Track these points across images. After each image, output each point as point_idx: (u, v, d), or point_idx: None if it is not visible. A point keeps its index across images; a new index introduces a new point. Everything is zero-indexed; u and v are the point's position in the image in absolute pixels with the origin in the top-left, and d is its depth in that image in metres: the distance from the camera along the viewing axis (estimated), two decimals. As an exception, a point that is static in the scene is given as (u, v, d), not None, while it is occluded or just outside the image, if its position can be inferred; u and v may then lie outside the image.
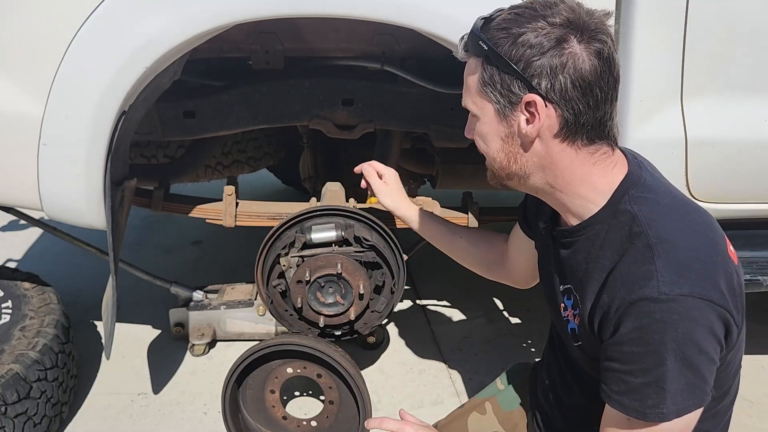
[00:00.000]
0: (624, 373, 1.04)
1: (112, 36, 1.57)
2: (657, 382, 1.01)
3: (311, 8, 1.57)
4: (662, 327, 0.99)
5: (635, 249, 1.04)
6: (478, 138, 1.16)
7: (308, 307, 1.88)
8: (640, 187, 1.10)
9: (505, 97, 1.06)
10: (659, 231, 1.04)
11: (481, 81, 1.08)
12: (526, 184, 1.16)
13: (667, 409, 1.01)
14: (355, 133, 2.27)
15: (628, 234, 1.06)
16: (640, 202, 1.08)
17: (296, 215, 1.89)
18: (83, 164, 1.67)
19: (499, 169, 1.15)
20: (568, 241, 1.19)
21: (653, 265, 1.01)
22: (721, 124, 1.72)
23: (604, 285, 1.07)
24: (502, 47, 1.03)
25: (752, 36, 1.65)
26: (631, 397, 1.03)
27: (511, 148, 1.11)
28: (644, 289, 1.00)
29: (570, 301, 1.21)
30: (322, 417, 1.92)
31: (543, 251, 1.34)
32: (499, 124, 1.10)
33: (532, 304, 2.75)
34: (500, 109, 1.08)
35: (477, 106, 1.12)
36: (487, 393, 1.61)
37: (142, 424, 2.10)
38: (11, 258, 3.19)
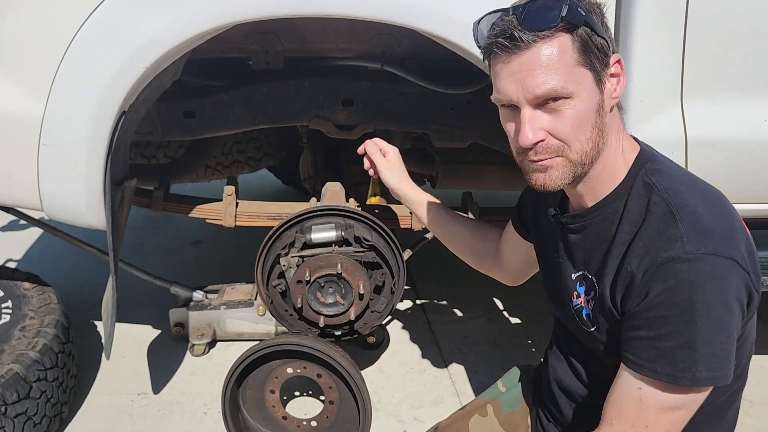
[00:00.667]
0: (653, 339, 1.03)
1: (112, 36, 1.57)
2: (687, 344, 1.01)
3: (311, 8, 1.57)
4: (690, 286, 1.00)
5: (656, 217, 1.06)
6: (568, 124, 1.05)
7: (308, 307, 1.88)
8: (655, 161, 1.14)
9: (601, 62, 1.06)
10: (678, 198, 1.07)
11: (578, 49, 1.03)
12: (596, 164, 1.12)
13: (701, 374, 1.01)
14: (355, 133, 2.27)
15: (647, 204, 1.08)
16: (657, 173, 1.11)
17: (296, 215, 1.89)
18: (83, 164, 1.66)
19: (589, 152, 1.09)
20: (580, 225, 1.19)
21: (677, 229, 1.03)
22: (721, 124, 1.72)
23: (625, 256, 1.08)
24: (591, 11, 1.04)
25: (752, 36, 1.65)
26: (663, 362, 1.03)
27: (601, 120, 1.08)
28: (670, 252, 1.01)
29: (583, 287, 1.21)
30: (322, 417, 1.92)
31: (548, 244, 1.33)
32: (598, 94, 1.07)
33: (532, 304, 2.75)
34: (596, 77, 1.06)
35: (575, 82, 1.04)
36: (489, 395, 1.61)
37: (142, 424, 2.10)
38: (11, 258, 3.19)
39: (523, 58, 1.03)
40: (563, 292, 1.28)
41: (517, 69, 1.04)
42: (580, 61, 1.04)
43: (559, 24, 1.02)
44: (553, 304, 1.38)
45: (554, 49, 1.03)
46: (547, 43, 1.03)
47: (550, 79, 1.03)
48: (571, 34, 1.03)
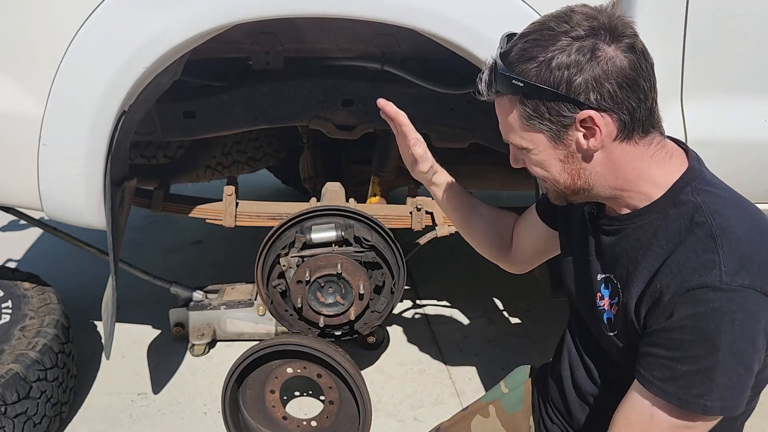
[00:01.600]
0: (670, 360, 1.02)
1: (112, 36, 1.57)
2: (705, 372, 0.99)
3: (312, 8, 1.57)
4: (719, 317, 0.98)
5: (696, 238, 1.04)
6: (534, 167, 1.14)
7: (308, 307, 1.88)
8: (702, 181, 1.11)
9: (556, 123, 1.05)
10: (723, 223, 1.04)
11: (524, 116, 1.07)
12: (592, 194, 1.14)
13: (712, 403, 1.00)
14: (355, 133, 2.27)
15: (689, 223, 1.06)
16: (704, 194, 1.09)
17: (296, 215, 1.89)
18: (83, 164, 1.67)
19: (564, 189, 1.14)
20: (615, 229, 1.18)
21: (716, 255, 1.00)
22: (721, 124, 1.71)
23: (657, 272, 1.06)
24: (538, 77, 1.02)
25: (752, 36, 1.65)
26: (675, 385, 1.02)
27: (573, 166, 1.10)
28: (705, 278, 0.99)
29: (608, 290, 1.20)
30: (322, 417, 1.92)
31: (578, 240, 1.31)
32: (556, 149, 1.09)
33: (532, 304, 2.75)
34: (553, 136, 1.07)
35: (526, 140, 1.10)
36: (491, 396, 1.60)
37: (142, 424, 2.10)
38: (11, 258, 3.19)
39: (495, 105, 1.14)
40: (587, 291, 1.26)
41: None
42: (527, 126, 1.07)
43: (493, 92, 1.08)
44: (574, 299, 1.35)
45: (503, 111, 1.11)
46: (499, 103, 1.11)
47: (505, 132, 1.14)
48: (516, 103, 1.07)
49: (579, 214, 1.30)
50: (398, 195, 2.62)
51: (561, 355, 1.42)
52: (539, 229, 1.50)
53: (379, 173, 2.42)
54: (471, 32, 1.57)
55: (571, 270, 1.34)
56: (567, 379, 1.36)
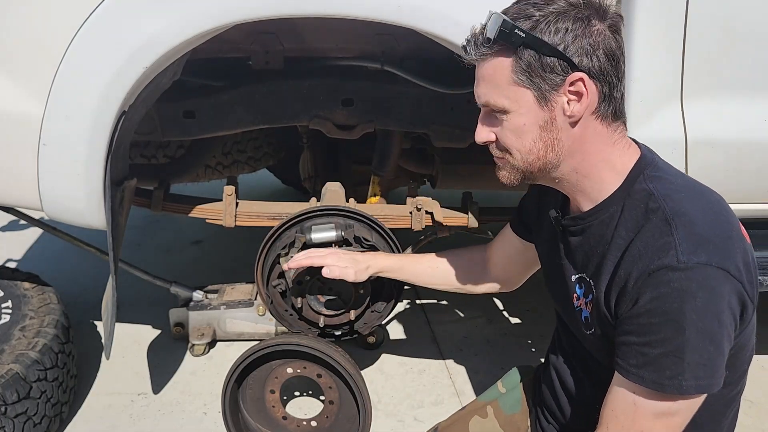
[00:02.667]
0: (641, 345, 1.04)
1: (112, 36, 1.57)
2: (675, 352, 1.01)
3: (311, 8, 1.57)
4: (681, 295, 1.00)
5: (652, 224, 1.07)
6: (508, 134, 1.14)
7: (308, 307, 1.88)
8: (654, 168, 1.15)
9: (547, 81, 1.07)
10: (676, 206, 1.07)
11: (516, 69, 1.08)
12: (552, 174, 1.16)
13: (686, 382, 1.02)
14: (355, 133, 2.27)
15: (644, 210, 1.09)
16: (655, 180, 1.12)
17: (296, 215, 1.89)
18: (83, 164, 1.66)
19: (532, 161, 1.14)
20: (579, 228, 1.21)
21: (672, 237, 1.03)
22: (721, 124, 1.71)
23: (620, 261, 1.09)
24: (541, 33, 1.05)
25: (752, 36, 1.65)
26: (649, 369, 1.04)
27: (550, 135, 1.11)
28: (663, 259, 1.02)
29: (582, 289, 1.22)
30: (322, 417, 1.92)
31: (550, 246, 1.34)
32: (540, 111, 1.10)
33: (532, 304, 2.75)
34: (540, 95, 1.08)
35: (510, 99, 1.10)
36: (489, 396, 1.61)
37: (142, 424, 2.10)
38: (11, 258, 3.19)
39: (477, 68, 1.14)
40: (564, 293, 1.29)
41: (475, 76, 1.15)
42: (517, 81, 1.08)
43: (493, 46, 1.08)
44: (555, 303, 1.38)
45: (492, 67, 1.10)
46: (487, 61, 1.11)
47: (487, 92, 1.12)
48: (511, 56, 1.07)
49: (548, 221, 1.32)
50: (398, 195, 2.62)
51: (550, 359, 1.44)
52: (515, 245, 1.54)
53: (379, 173, 2.42)
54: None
55: (551, 276, 1.36)
56: (556, 382, 1.39)
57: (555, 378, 1.40)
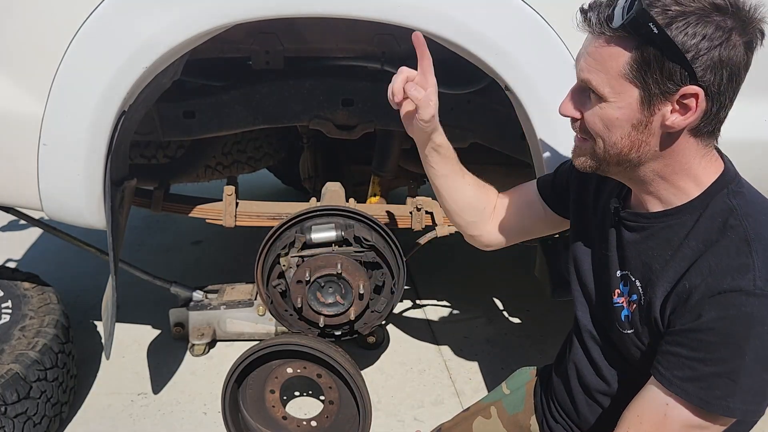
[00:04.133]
0: (694, 360, 1.01)
1: (112, 36, 1.56)
2: (729, 375, 0.99)
3: (311, 8, 1.57)
4: (750, 321, 0.97)
5: (729, 241, 1.03)
6: (596, 120, 1.06)
7: (308, 307, 1.88)
8: (738, 184, 1.10)
9: (659, 86, 0.99)
10: (757, 227, 1.03)
11: (633, 64, 0.99)
12: (630, 172, 1.11)
13: (734, 405, 1.00)
14: (355, 133, 2.27)
15: (722, 226, 1.04)
16: (739, 197, 1.08)
17: (296, 215, 1.89)
18: (83, 164, 1.66)
19: (612, 155, 1.08)
20: (641, 226, 1.15)
21: (750, 259, 0.99)
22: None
23: (686, 273, 1.05)
24: (672, 32, 0.95)
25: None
26: (697, 385, 1.01)
27: (640, 137, 1.05)
28: (738, 281, 0.98)
29: (627, 287, 1.18)
30: (322, 417, 1.92)
31: (594, 233, 1.28)
32: (638, 112, 1.03)
33: (532, 304, 2.75)
34: (646, 97, 1.01)
35: (613, 90, 1.02)
36: (493, 397, 1.60)
37: (141, 424, 2.10)
38: (11, 258, 3.19)
39: (591, 42, 1.04)
40: (604, 285, 1.24)
41: (585, 46, 1.06)
42: (627, 76, 1.01)
43: (618, 30, 0.99)
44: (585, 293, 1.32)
45: (608, 51, 1.01)
46: (607, 41, 1.01)
47: (593, 72, 1.04)
48: (632, 49, 0.99)
49: (597, 207, 1.27)
50: (398, 195, 2.62)
51: (567, 353, 1.40)
52: (535, 210, 1.46)
53: (379, 173, 2.42)
54: (472, 32, 1.57)
55: (588, 263, 1.31)
56: (573, 377, 1.35)
57: (572, 373, 1.35)
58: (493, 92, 2.13)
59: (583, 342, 1.34)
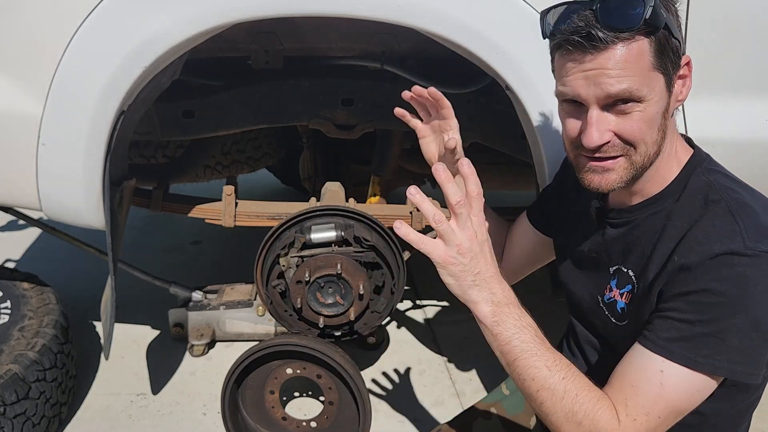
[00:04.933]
0: (683, 322, 1.01)
1: (111, 35, 1.56)
2: (718, 333, 0.99)
3: (311, 8, 1.57)
4: (743, 281, 0.98)
5: (713, 214, 1.04)
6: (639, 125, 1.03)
7: (308, 308, 1.87)
8: (710, 161, 1.13)
9: (673, 64, 1.02)
10: (737, 197, 1.05)
11: (658, 52, 1.00)
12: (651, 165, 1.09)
13: (720, 363, 0.99)
14: (355, 133, 2.26)
15: (703, 201, 1.06)
16: (714, 173, 1.10)
17: (296, 215, 1.89)
18: (82, 164, 1.66)
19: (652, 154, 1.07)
20: (623, 221, 1.17)
21: (737, 225, 1.01)
22: (721, 124, 1.71)
23: (675, 249, 1.05)
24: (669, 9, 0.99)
25: (753, 36, 1.64)
26: (683, 345, 1.00)
27: (666, 123, 1.06)
28: (729, 244, 0.99)
29: (617, 280, 1.19)
30: (322, 418, 1.92)
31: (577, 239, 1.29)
32: (666, 97, 1.04)
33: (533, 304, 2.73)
34: (668, 80, 1.03)
35: (649, 87, 1.01)
36: (492, 398, 1.59)
37: (141, 425, 2.09)
38: (10, 258, 3.19)
39: (600, 58, 1.00)
40: (595, 286, 1.25)
41: (591, 68, 1.01)
42: (655, 65, 1.00)
43: (641, 26, 0.98)
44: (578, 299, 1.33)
45: (632, 51, 0.99)
46: (625, 45, 0.99)
47: (626, 80, 1.00)
48: (649, 38, 0.99)
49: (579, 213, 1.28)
50: (398, 195, 2.62)
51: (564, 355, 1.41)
52: (530, 237, 1.50)
53: (379, 173, 2.42)
54: (471, 32, 1.56)
55: (574, 270, 1.32)
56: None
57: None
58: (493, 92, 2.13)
59: (580, 346, 1.35)
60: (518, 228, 1.54)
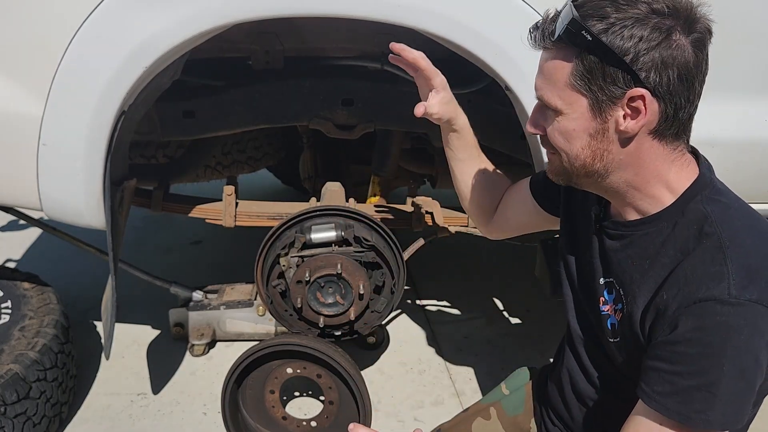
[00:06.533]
0: (672, 374, 1.00)
1: (112, 36, 1.56)
2: (708, 387, 0.97)
3: (311, 8, 1.57)
4: (726, 331, 0.96)
5: (704, 249, 1.02)
6: (556, 134, 1.08)
7: (308, 308, 1.87)
8: (713, 190, 1.09)
9: (605, 92, 1.01)
10: (731, 234, 1.02)
11: (575, 73, 1.01)
12: (601, 182, 1.11)
13: (714, 417, 0.98)
14: (355, 133, 2.26)
15: (697, 233, 1.04)
16: (713, 203, 1.07)
17: (296, 215, 1.89)
18: (83, 164, 1.66)
19: (578, 167, 1.09)
20: (619, 234, 1.15)
21: (725, 267, 0.98)
22: (721, 124, 1.71)
23: (664, 283, 1.04)
24: (609, 37, 0.97)
25: (752, 36, 1.65)
26: (676, 400, 1.00)
27: (600, 146, 1.06)
28: (713, 290, 0.97)
29: (612, 295, 1.18)
30: (322, 417, 1.92)
31: (581, 238, 1.29)
32: (592, 120, 1.04)
33: (532, 304, 2.75)
34: (595, 104, 1.02)
35: (564, 101, 1.04)
36: (492, 398, 1.59)
37: (141, 425, 2.09)
38: (11, 258, 3.19)
39: (541, 56, 1.08)
40: (591, 292, 1.24)
41: (539, 63, 1.09)
42: (573, 85, 1.02)
43: (557, 42, 1.02)
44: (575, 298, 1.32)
45: (553, 63, 1.05)
46: (551, 54, 1.05)
47: (544, 87, 1.07)
48: (573, 58, 1.01)
49: (584, 212, 1.27)
50: (398, 195, 2.62)
51: (560, 359, 1.40)
52: (529, 206, 1.48)
53: (379, 173, 2.42)
54: (471, 32, 1.57)
55: (575, 268, 1.31)
56: (567, 384, 1.35)
57: (565, 379, 1.35)
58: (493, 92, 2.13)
59: (575, 349, 1.33)
60: (518, 195, 1.51)
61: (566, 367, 1.36)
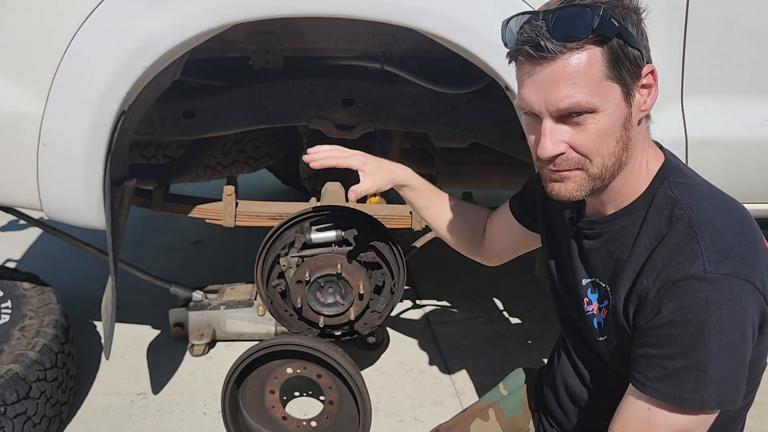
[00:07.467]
0: (662, 358, 1.00)
1: (112, 36, 1.57)
2: (697, 365, 0.98)
3: (311, 8, 1.57)
4: (706, 307, 0.97)
5: (677, 231, 1.03)
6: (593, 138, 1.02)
7: (308, 308, 1.87)
8: (680, 174, 1.10)
9: (632, 74, 1.00)
10: (701, 214, 1.03)
11: (610, 62, 0.98)
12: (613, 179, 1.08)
13: (708, 396, 0.98)
14: (355, 133, 2.27)
15: (669, 218, 1.05)
16: (681, 187, 1.08)
17: (296, 215, 1.89)
18: (83, 164, 1.66)
19: (611, 166, 1.05)
20: (596, 232, 1.16)
21: (698, 246, 0.99)
22: (721, 124, 1.71)
23: (642, 270, 1.05)
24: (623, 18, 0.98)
25: (752, 36, 1.65)
26: (669, 383, 1.00)
27: (628, 134, 1.04)
28: (689, 269, 0.98)
29: (595, 294, 1.18)
30: (322, 417, 1.92)
31: (561, 244, 1.30)
32: (625, 108, 1.02)
33: (532, 304, 2.75)
34: (626, 90, 1.01)
35: (601, 96, 0.99)
36: (491, 398, 1.59)
37: (141, 425, 2.09)
38: (11, 258, 3.19)
39: (548, 69, 0.99)
40: (575, 295, 1.25)
41: (542, 80, 1.00)
42: (608, 75, 0.99)
43: (589, 35, 0.97)
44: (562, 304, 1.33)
45: (582, 61, 0.98)
46: (575, 55, 0.98)
47: (575, 92, 0.98)
48: (601, 47, 0.98)
49: (560, 218, 1.28)
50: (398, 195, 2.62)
51: (554, 362, 1.41)
52: (515, 228, 1.49)
53: (379, 173, 2.41)
54: (471, 32, 1.57)
55: (557, 275, 1.32)
56: (561, 388, 1.35)
57: (560, 382, 1.35)
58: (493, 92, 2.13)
59: (568, 352, 1.34)
60: (501, 221, 1.53)
61: (560, 371, 1.36)
